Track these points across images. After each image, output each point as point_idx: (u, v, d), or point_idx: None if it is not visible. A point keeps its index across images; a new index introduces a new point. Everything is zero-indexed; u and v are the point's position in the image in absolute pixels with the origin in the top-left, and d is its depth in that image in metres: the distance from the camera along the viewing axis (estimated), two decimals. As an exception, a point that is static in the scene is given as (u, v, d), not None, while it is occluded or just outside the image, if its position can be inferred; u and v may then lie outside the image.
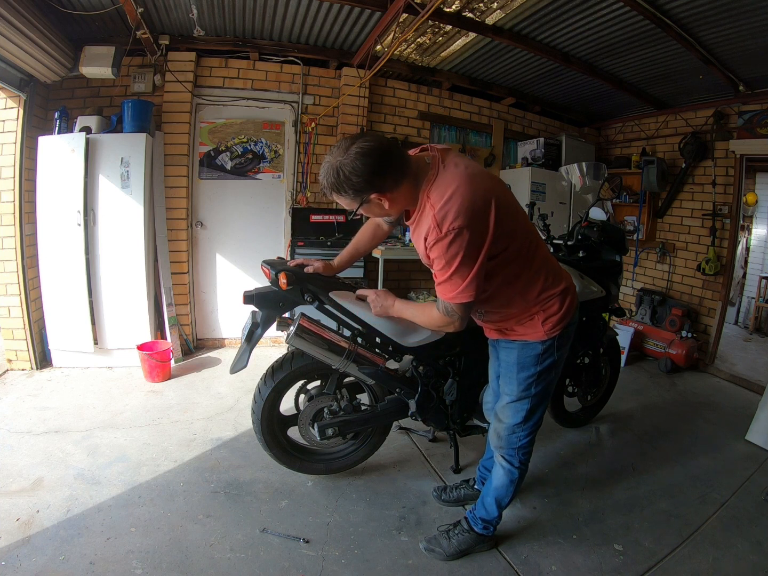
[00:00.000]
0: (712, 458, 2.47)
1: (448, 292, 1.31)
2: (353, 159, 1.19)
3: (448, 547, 1.67)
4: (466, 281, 1.27)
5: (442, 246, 1.24)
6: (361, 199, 1.27)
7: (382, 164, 1.22)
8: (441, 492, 2.01)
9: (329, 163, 1.23)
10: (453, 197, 1.22)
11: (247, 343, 1.77)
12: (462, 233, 1.22)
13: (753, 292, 5.39)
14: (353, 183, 1.22)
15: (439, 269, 1.30)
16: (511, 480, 1.62)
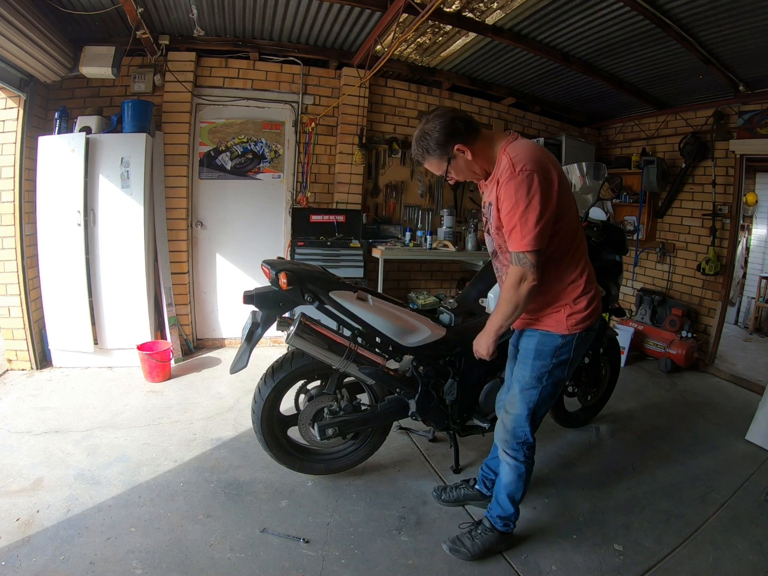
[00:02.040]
0: (712, 458, 2.47)
1: (519, 239, 1.34)
2: (432, 120, 1.40)
3: (472, 547, 1.68)
4: (537, 227, 1.31)
5: (513, 184, 1.31)
6: (447, 154, 1.41)
7: (456, 118, 1.40)
8: (441, 492, 2.01)
9: (415, 137, 1.45)
10: (528, 151, 1.36)
11: (247, 343, 1.77)
12: (533, 177, 1.30)
13: (753, 292, 5.39)
14: (436, 138, 1.39)
15: (508, 212, 1.34)
16: (519, 475, 1.65)
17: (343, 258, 3.56)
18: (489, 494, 1.93)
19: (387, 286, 3.97)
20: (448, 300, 2.21)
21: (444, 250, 3.79)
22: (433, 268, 4.42)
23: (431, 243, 3.75)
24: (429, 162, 1.47)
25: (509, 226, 1.37)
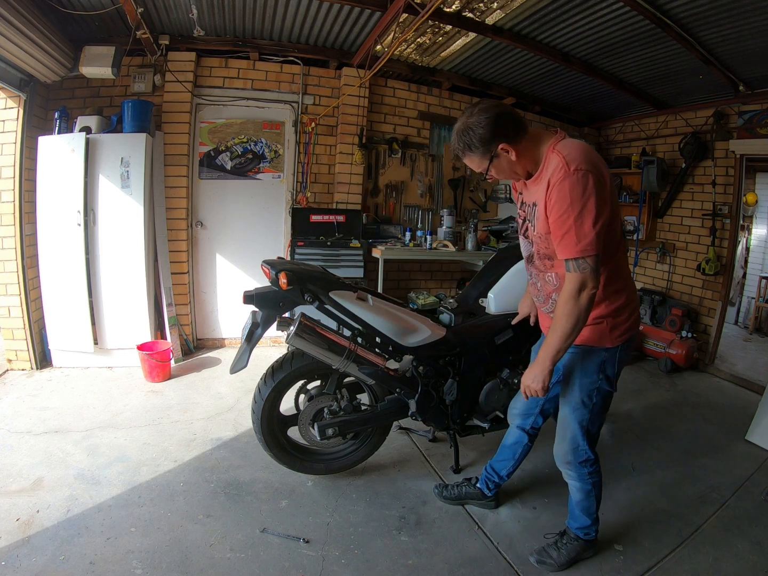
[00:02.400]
0: (712, 458, 2.47)
1: (573, 243, 1.24)
2: (476, 114, 1.30)
3: (558, 557, 1.66)
4: (594, 229, 1.22)
5: (568, 184, 1.22)
6: (490, 152, 1.32)
7: (502, 114, 1.30)
8: (442, 489, 2.01)
9: (456, 129, 1.34)
10: (581, 150, 1.28)
11: (247, 343, 1.77)
12: (588, 177, 1.22)
13: (753, 292, 5.39)
14: (480, 134, 1.29)
15: (561, 214, 1.24)
16: (587, 492, 1.61)
17: (343, 258, 3.56)
18: (490, 495, 1.94)
19: (387, 286, 3.97)
20: (448, 300, 2.21)
21: (444, 250, 3.80)
22: (433, 268, 4.42)
23: (431, 243, 3.75)
24: (469, 159, 1.37)
25: (562, 230, 1.26)
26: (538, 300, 1.58)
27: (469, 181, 4.43)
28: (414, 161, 4.21)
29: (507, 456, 1.88)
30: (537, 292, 1.56)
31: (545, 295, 1.51)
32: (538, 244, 1.42)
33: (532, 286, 1.58)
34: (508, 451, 1.87)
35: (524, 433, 1.81)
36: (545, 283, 1.49)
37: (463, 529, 1.85)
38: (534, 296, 1.61)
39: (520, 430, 1.81)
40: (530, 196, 1.42)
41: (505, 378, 2.07)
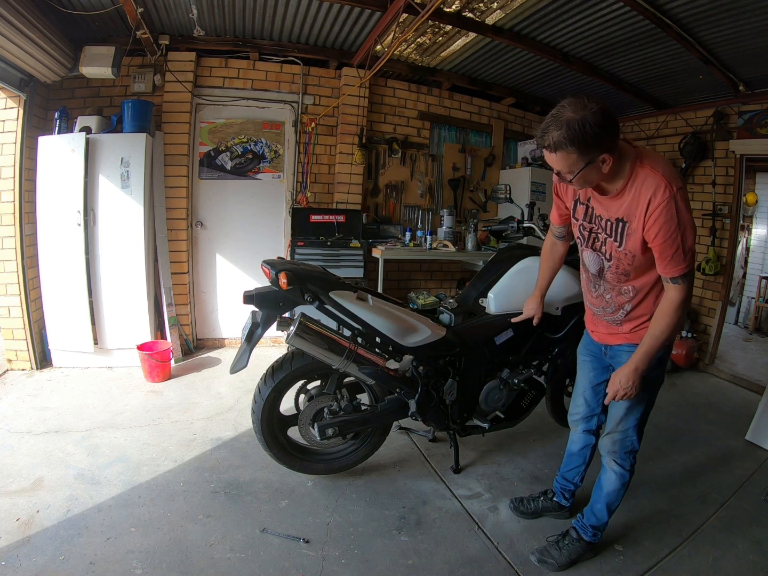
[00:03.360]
0: (712, 458, 2.47)
1: (680, 261, 1.27)
2: (598, 113, 1.17)
3: (560, 557, 1.67)
4: (694, 244, 1.26)
5: (674, 205, 1.22)
6: (591, 157, 1.22)
7: (615, 121, 1.22)
8: (518, 504, 1.96)
9: (566, 118, 1.17)
10: (669, 165, 1.30)
11: (247, 343, 1.77)
12: (686, 193, 1.25)
13: (753, 292, 5.39)
14: (595, 133, 1.17)
15: (669, 235, 1.24)
16: (623, 483, 1.63)
17: (343, 258, 3.56)
18: (567, 505, 1.93)
19: (387, 286, 3.96)
20: (448, 300, 2.21)
21: (444, 250, 3.80)
22: (433, 268, 4.42)
23: (431, 243, 3.75)
24: (562, 155, 1.22)
25: (671, 250, 1.26)
26: (604, 310, 1.56)
27: (469, 181, 4.43)
28: (414, 161, 4.21)
29: (578, 462, 1.85)
30: (605, 304, 1.54)
31: (616, 306, 1.50)
32: (620, 260, 1.40)
33: (598, 298, 1.56)
34: (578, 457, 1.85)
35: (591, 434, 1.80)
36: (619, 294, 1.48)
37: (463, 529, 1.85)
38: (598, 306, 1.57)
39: (587, 434, 1.80)
40: (612, 211, 1.36)
41: (505, 378, 2.08)
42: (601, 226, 1.42)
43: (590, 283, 1.58)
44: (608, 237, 1.40)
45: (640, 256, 1.35)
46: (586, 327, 1.75)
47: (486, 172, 4.51)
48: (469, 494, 2.07)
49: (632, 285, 1.44)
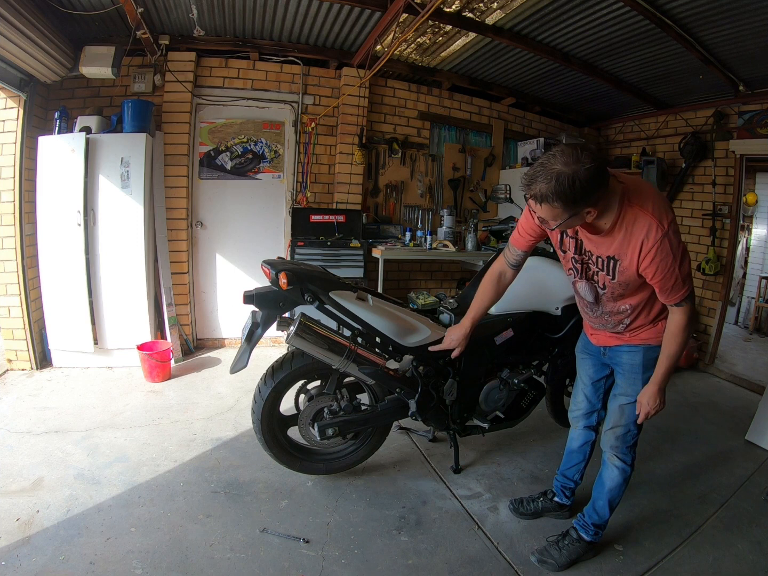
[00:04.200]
0: (712, 458, 2.47)
1: (680, 288, 1.33)
2: (589, 171, 1.16)
3: (560, 558, 1.67)
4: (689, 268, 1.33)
5: (668, 241, 1.26)
6: (575, 211, 1.23)
7: (605, 174, 1.24)
8: (518, 505, 1.96)
9: (557, 171, 1.16)
10: (656, 196, 1.32)
11: (247, 343, 1.77)
12: (676, 225, 1.29)
13: (753, 292, 5.39)
14: (587, 193, 1.19)
15: (667, 269, 1.29)
16: (625, 479, 1.65)
17: (343, 258, 3.56)
18: (568, 503, 1.93)
19: (387, 286, 3.97)
20: (448, 300, 2.21)
21: (444, 250, 3.80)
22: (433, 268, 4.42)
23: (431, 243, 3.75)
24: (553, 207, 1.22)
25: (670, 282, 1.32)
26: (605, 326, 1.60)
27: (469, 181, 4.43)
28: (414, 161, 4.21)
29: (578, 459, 1.86)
30: (604, 322, 1.58)
31: (616, 322, 1.55)
32: (614, 289, 1.45)
33: (597, 319, 1.60)
34: (578, 454, 1.86)
35: (591, 430, 1.81)
36: (617, 313, 1.53)
37: (463, 529, 1.85)
38: (598, 324, 1.62)
39: (588, 430, 1.81)
40: (602, 249, 1.39)
41: (505, 378, 2.08)
42: (592, 261, 1.46)
43: (587, 308, 1.62)
44: (600, 270, 1.45)
45: (635, 284, 1.41)
46: (584, 331, 1.77)
47: (486, 172, 4.51)
48: (469, 494, 2.07)
49: (629, 303, 1.49)
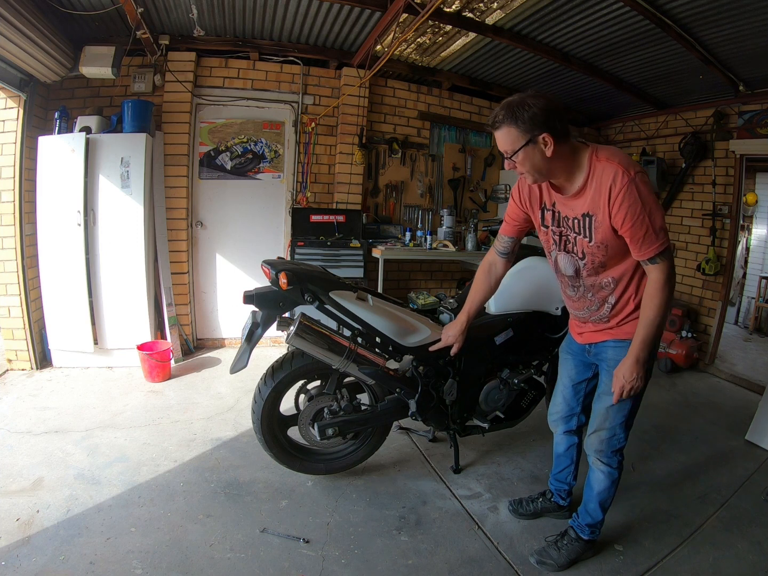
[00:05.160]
0: (712, 458, 2.47)
1: (654, 241, 1.31)
2: (538, 96, 1.29)
3: (559, 558, 1.66)
4: (664, 221, 1.32)
5: (635, 188, 1.27)
6: (531, 135, 1.28)
7: (560, 109, 1.31)
8: (517, 506, 1.95)
9: (508, 101, 1.31)
10: (624, 155, 1.34)
11: (247, 343, 1.77)
12: (645, 177, 1.30)
13: (753, 292, 5.39)
14: (533, 113, 1.26)
15: (635, 218, 1.28)
16: (612, 481, 1.62)
17: (343, 258, 3.56)
18: (565, 505, 1.92)
19: (387, 286, 3.97)
20: (448, 300, 2.21)
21: (444, 250, 3.80)
22: (433, 268, 4.42)
23: (431, 243, 3.75)
24: (506, 131, 1.30)
25: (641, 232, 1.30)
26: (589, 310, 1.54)
27: (469, 181, 4.43)
28: (414, 161, 4.21)
29: (566, 463, 1.86)
30: (588, 303, 1.53)
31: (600, 301, 1.50)
32: (594, 255, 1.41)
33: (580, 300, 1.55)
34: (565, 458, 1.85)
35: (572, 434, 1.80)
36: (600, 289, 1.48)
37: (463, 529, 1.85)
38: (582, 309, 1.56)
39: (569, 434, 1.80)
40: (577, 209, 1.39)
41: (505, 378, 2.08)
42: (569, 227, 1.45)
43: (569, 287, 1.57)
44: (578, 235, 1.43)
45: (613, 245, 1.37)
46: (570, 331, 1.73)
47: (486, 172, 4.51)
48: (469, 494, 2.07)
49: (611, 276, 1.44)
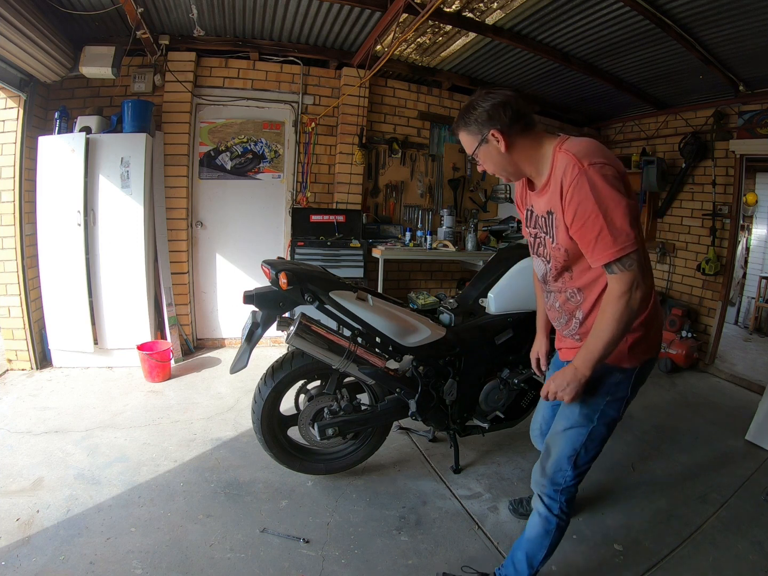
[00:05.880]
0: (712, 458, 2.47)
1: (610, 245, 1.09)
2: (485, 95, 1.23)
3: None
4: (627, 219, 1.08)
5: (586, 181, 1.08)
6: (481, 134, 1.23)
7: (507, 102, 1.20)
8: (518, 505, 1.90)
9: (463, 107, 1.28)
10: (591, 144, 1.17)
11: (247, 343, 1.77)
12: (605, 169, 1.09)
13: (753, 292, 5.39)
14: (478, 113, 1.21)
15: (587, 216, 1.10)
16: (547, 530, 1.36)
17: (343, 258, 3.56)
18: None
19: (387, 286, 3.97)
20: (448, 300, 2.21)
21: (444, 250, 3.80)
22: (433, 268, 4.42)
23: (431, 243, 3.75)
24: (463, 136, 1.29)
25: (593, 233, 1.10)
26: (559, 322, 1.41)
27: (469, 181, 4.43)
28: (414, 161, 4.21)
29: None
30: (557, 314, 1.39)
31: (568, 314, 1.35)
32: (556, 258, 1.27)
33: (550, 310, 1.43)
34: None
35: None
36: (566, 300, 1.33)
37: (463, 529, 1.85)
38: (555, 320, 1.43)
39: None
40: (541, 206, 1.27)
41: (505, 378, 2.08)
42: (540, 226, 1.31)
43: (544, 294, 1.45)
44: (545, 235, 1.29)
45: (571, 248, 1.21)
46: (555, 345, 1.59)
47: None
48: (469, 494, 2.07)
49: (576, 287, 1.29)
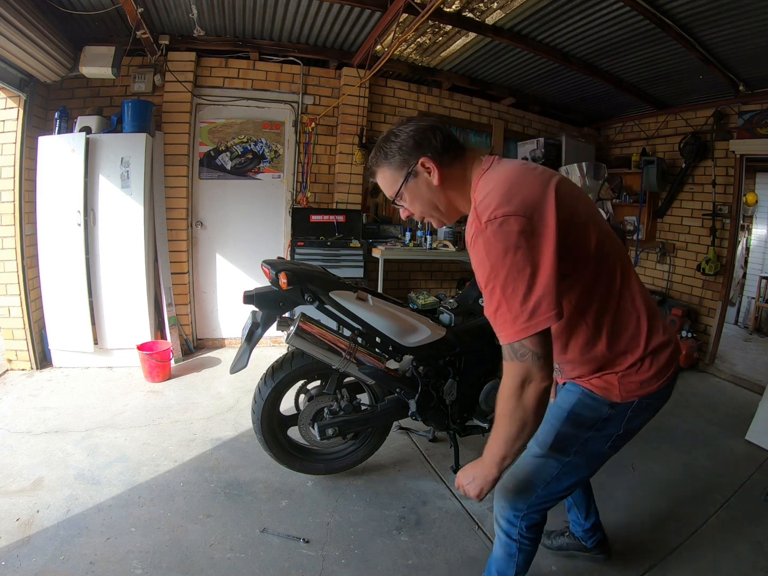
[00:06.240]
0: (712, 458, 2.47)
1: (510, 322, 0.88)
2: (406, 122, 1.07)
3: None
4: (533, 295, 0.86)
5: (482, 243, 0.89)
6: (408, 166, 1.03)
7: (434, 128, 1.04)
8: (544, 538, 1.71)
9: (377, 141, 1.10)
10: (501, 185, 0.93)
11: (247, 343, 1.77)
12: (509, 221, 0.87)
13: (753, 292, 5.39)
14: (402, 140, 1.03)
15: (485, 284, 0.91)
16: (509, 554, 1.24)
17: (343, 258, 3.56)
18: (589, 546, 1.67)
19: (387, 286, 3.97)
20: (448, 300, 2.21)
21: (444, 250, 3.80)
22: (433, 268, 4.42)
23: (431, 243, 3.75)
24: (382, 174, 1.08)
25: (492, 306, 0.90)
26: None
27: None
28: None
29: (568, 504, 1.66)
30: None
31: None
32: None
33: None
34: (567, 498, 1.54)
35: None
36: None
37: (463, 529, 1.85)
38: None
39: None
40: None
41: (505, 378, 2.07)
42: None
43: None
44: None
45: None
46: None
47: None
48: (469, 494, 2.07)
49: None
